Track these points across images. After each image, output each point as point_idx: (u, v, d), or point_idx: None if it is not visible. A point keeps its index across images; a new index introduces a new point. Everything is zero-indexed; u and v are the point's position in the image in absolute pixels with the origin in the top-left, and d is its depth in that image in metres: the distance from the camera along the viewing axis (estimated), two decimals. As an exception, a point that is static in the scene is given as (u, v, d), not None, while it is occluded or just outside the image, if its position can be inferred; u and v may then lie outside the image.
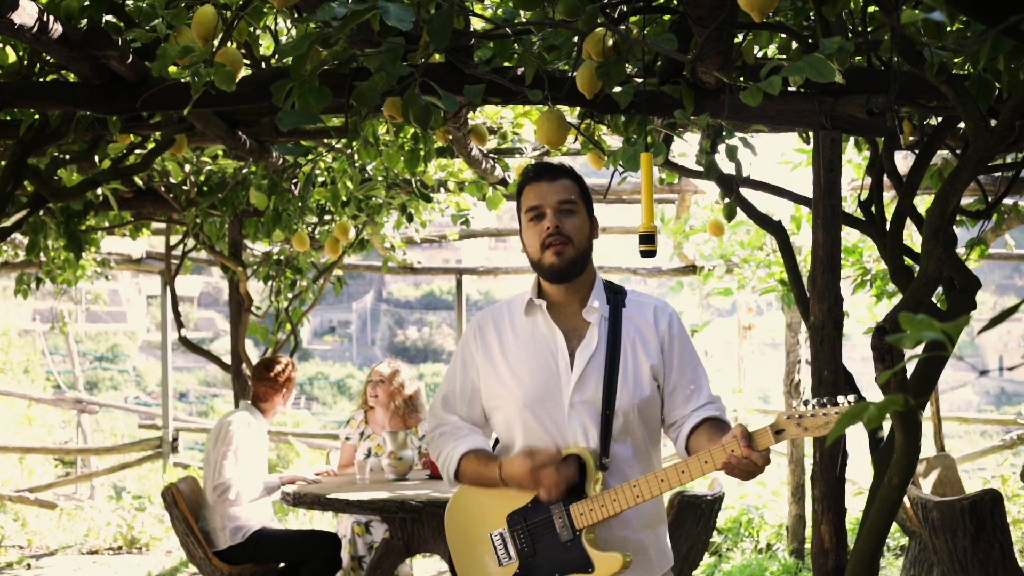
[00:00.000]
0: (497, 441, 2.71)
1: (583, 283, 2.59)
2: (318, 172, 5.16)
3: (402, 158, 4.23)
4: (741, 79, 2.74)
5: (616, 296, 2.61)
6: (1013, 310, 1.10)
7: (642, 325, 2.59)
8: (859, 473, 7.37)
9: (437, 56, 2.84)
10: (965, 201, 4.57)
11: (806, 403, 2.29)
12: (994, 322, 1.12)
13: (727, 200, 4.11)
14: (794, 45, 2.94)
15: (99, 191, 5.26)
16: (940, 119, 3.37)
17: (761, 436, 2.29)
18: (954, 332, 1.04)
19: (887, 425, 2.95)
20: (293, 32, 3.57)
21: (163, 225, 6.91)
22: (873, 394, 3.43)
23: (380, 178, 5.28)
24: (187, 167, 5.55)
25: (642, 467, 2.58)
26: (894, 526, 5.23)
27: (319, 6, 2.11)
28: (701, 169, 4.00)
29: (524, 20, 2.68)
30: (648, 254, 2.53)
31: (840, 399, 2.26)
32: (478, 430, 2.68)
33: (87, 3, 2.82)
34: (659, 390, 2.58)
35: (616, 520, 2.50)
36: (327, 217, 6.10)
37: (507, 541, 2.55)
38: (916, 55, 2.49)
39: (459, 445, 2.61)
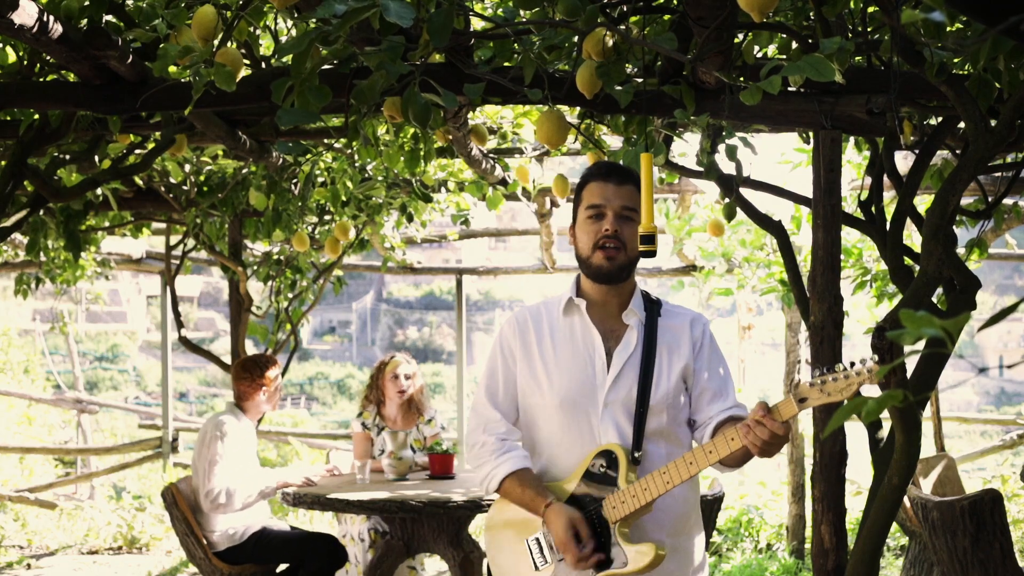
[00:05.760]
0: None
1: (624, 288, 2.64)
2: (318, 172, 5.16)
3: (402, 158, 4.23)
4: (741, 79, 2.74)
5: (653, 305, 2.67)
6: (1012, 309, 1.11)
7: (677, 331, 2.64)
8: (859, 473, 7.36)
9: (437, 56, 2.84)
10: (965, 201, 4.56)
11: (826, 369, 2.31)
12: (993, 320, 1.12)
13: (727, 200, 4.11)
14: (794, 45, 2.94)
15: (99, 191, 5.26)
16: (940, 119, 3.37)
17: (785, 406, 2.32)
18: (954, 329, 1.04)
19: (887, 425, 2.95)
20: (293, 32, 3.57)
21: (163, 225, 6.90)
22: (873, 394, 3.43)
23: (380, 178, 5.28)
24: (187, 167, 5.55)
25: None
26: (894, 526, 5.23)
27: (319, 4, 2.10)
28: (701, 169, 4.00)
29: (524, 20, 2.68)
30: (648, 254, 2.53)
31: (859, 364, 2.27)
32: (518, 443, 2.68)
33: (87, 3, 2.82)
34: (687, 391, 2.63)
35: (650, 523, 2.53)
36: (327, 217, 6.10)
37: (543, 545, 2.58)
38: (916, 55, 2.49)
39: (501, 464, 2.62)
